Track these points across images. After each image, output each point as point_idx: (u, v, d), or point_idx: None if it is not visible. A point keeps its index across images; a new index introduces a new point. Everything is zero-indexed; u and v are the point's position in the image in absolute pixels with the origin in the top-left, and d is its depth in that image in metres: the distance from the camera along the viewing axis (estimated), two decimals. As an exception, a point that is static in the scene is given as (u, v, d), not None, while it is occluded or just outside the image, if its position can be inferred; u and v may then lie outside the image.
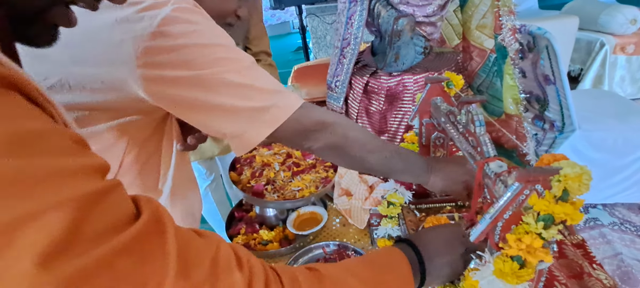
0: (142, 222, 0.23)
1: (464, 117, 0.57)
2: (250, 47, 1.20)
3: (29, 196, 0.18)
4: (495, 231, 0.43)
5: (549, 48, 1.18)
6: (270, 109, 0.53)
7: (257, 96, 0.53)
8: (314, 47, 3.31)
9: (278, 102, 0.54)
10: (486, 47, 1.12)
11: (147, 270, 0.22)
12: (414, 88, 1.01)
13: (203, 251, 0.28)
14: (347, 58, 1.10)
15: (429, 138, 0.81)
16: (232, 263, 0.29)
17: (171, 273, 0.23)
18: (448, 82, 0.76)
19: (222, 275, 0.28)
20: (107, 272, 0.20)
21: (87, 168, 0.21)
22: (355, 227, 1.05)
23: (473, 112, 0.54)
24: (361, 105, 1.11)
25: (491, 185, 0.49)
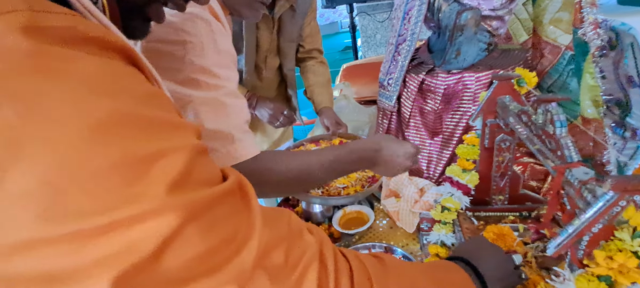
0: (230, 181, 0.27)
1: (541, 117, 0.52)
2: (304, 44, 1.22)
3: (162, 138, 0.22)
4: (579, 245, 0.38)
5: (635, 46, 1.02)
6: (214, 152, 0.52)
7: (204, 134, 0.51)
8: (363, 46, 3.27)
9: (221, 147, 0.53)
10: (560, 43, 1.01)
11: (240, 217, 0.26)
12: (475, 87, 0.94)
13: (278, 215, 0.31)
14: (402, 55, 1.06)
15: (492, 140, 0.74)
16: (303, 228, 0.33)
17: (259, 223, 0.27)
18: (519, 80, 0.70)
19: (296, 235, 0.31)
20: (208, 212, 0.23)
21: (191, 127, 0.25)
22: (404, 230, 1.01)
23: (553, 112, 0.48)
24: (415, 104, 1.06)
25: (574, 193, 0.43)
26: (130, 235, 0.20)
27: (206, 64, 0.52)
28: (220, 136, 0.53)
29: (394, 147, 0.68)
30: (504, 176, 0.80)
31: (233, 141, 0.53)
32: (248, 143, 0.55)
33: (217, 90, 0.53)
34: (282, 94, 1.28)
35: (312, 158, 0.61)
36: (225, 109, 0.53)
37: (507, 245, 0.70)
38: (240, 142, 0.54)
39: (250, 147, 0.55)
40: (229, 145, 0.53)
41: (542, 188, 0.97)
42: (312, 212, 1.09)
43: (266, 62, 1.12)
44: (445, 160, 1.04)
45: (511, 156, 0.76)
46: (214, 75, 0.52)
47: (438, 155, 1.06)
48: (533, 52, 1.09)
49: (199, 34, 0.51)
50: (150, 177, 0.21)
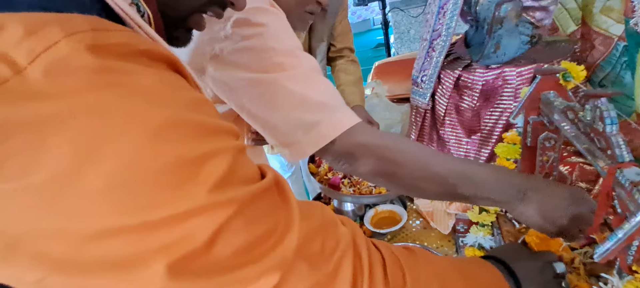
0: (269, 178, 0.29)
1: (590, 113, 0.48)
2: (335, 44, 1.23)
3: (208, 140, 0.25)
4: (628, 251, 0.35)
5: None
6: (318, 125, 0.49)
7: (307, 108, 0.50)
8: (396, 42, 3.21)
9: (327, 118, 0.49)
10: (613, 33, 0.92)
11: (280, 211, 0.28)
12: (517, 82, 0.89)
13: (312, 208, 0.33)
14: (437, 50, 1.03)
15: (535, 139, 0.70)
16: (336, 220, 0.35)
17: (297, 216, 0.29)
18: (565, 74, 0.65)
19: (330, 226, 0.33)
20: (252, 206, 0.26)
21: (231, 130, 0.28)
22: (438, 231, 0.99)
23: (603, 108, 0.45)
24: (450, 101, 1.03)
25: (625, 196, 0.40)
26: (185, 227, 0.22)
27: (286, 46, 0.51)
28: (323, 107, 0.50)
29: (559, 186, 0.52)
30: (548, 177, 0.75)
31: (336, 110, 0.51)
32: (349, 112, 0.52)
33: (302, 67, 0.52)
34: None
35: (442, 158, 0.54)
36: (317, 81, 0.52)
37: (552, 250, 0.66)
38: (343, 109, 0.51)
39: (352, 116, 0.52)
40: (332, 115, 0.50)
41: (593, 190, 0.90)
42: (344, 210, 1.10)
43: None
44: (484, 160, 1.00)
45: (556, 155, 0.72)
46: (296, 56, 0.52)
47: (475, 155, 1.01)
48: (582, 44, 1.01)
49: (272, 21, 0.51)
50: (201, 176, 0.23)
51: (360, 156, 0.51)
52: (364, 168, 0.52)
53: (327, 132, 0.50)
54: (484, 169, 0.53)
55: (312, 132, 0.50)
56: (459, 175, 0.51)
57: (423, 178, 0.51)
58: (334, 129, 0.50)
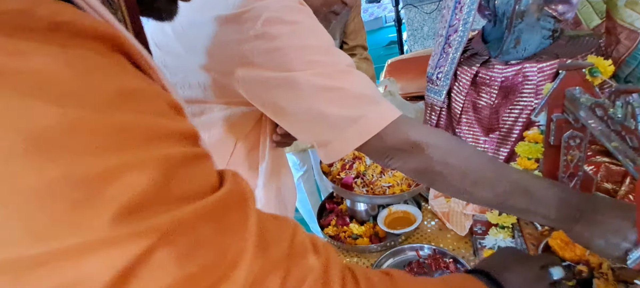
0: (224, 191, 0.23)
1: (620, 110, 0.45)
2: (347, 41, 1.21)
3: (119, 152, 0.18)
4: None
5: None
6: (359, 120, 0.47)
7: (347, 103, 0.47)
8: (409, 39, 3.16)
9: (369, 112, 0.47)
10: (638, 27, 0.88)
11: (228, 240, 0.22)
12: (538, 78, 0.86)
13: (281, 231, 0.27)
14: (454, 46, 1.00)
15: (559, 137, 0.67)
16: (308, 247, 0.29)
17: (251, 247, 0.23)
18: (592, 69, 0.62)
19: (298, 257, 0.27)
20: (187, 234, 0.20)
21: (177, 132, 0.21)
22: (454, 232, 0.96)
23: (635, 104, 0.42)
24: (468, 98, 1.00)
25: (665, 199, 0.37)
26: (77, 267, 0.17)
27: (321, 43, 0.50)
28: (364, 100, 0.48)
29: (622, 207, 0.46)
30: (573, 177, 0.71)
31: (378, 103, 0.48)
32: (391, 105, 0.49)
33: (339, 63, 0.49)
34: None
35: (496, 165, 0.50)
36: (355, 75, 0.49)
37: (577, 254, 0.63)
38: (384, 102, 0.48)
39: (394, 109, 0.48)
40: (375, 107, 0.48)
41: (619, 191, 0.86)
42: (357, 210, 1.08)
43: None
44: (503, 159, 0.96)
45: (582, 155, 0.68)
46: (331, 53, 0.50)
47: (494, 154, 0.98)
48: (607, 38, 0.96)
49: (304, 19, 0.49)
50: (104, 197, 0.17)
51: (407, 152, 0.48)
52: (411, 166, 0.49)
53: (370, 126, 0.47)
54: (541, 182, 0.49)
55: (354, 126, 0.47)
56: (513, 184, 0.47)
57: (474, 183, 0.47)
58: (378, 122, 0.47)
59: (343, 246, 1.01)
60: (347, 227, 1.07)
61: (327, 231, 1.08)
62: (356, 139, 0.48)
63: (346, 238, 1.04)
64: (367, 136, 0.47)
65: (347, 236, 1.04)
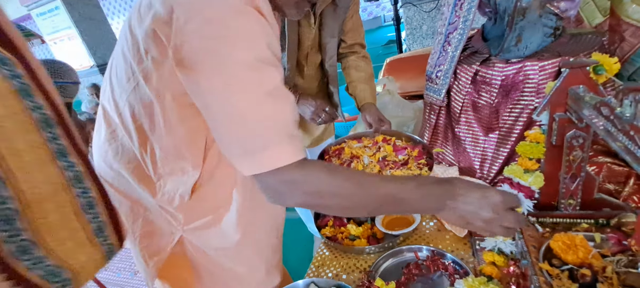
0: None
1: (629, 109, 0.43)
2: (345, 39, 1.18)
3: None
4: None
5: None
6: (255, 154, 0.50)
7: (250, 133, 0.50)
8: (407, 38, 3.14)
9: (265, 151, 0.49)
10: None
11: None
12: (539, 77, 0.84)
13: None
14: (453, 44, 0.98)
15: (562, 137, 0.65)
16: None
17: None
18: (596, 67, 0.60)
19: None
20: None
21: None
22: (453, 233, 0.94)
23: (647, 102, 0.40)
24: (467, 97, 0.98)
25: (677, 202, 0.35)
26: None
27: (247, 58, 0.48)
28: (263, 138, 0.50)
29: (473, 192, 0.54)
30: (575, 177, 0.70)
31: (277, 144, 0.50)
32: (289, 148, 0.51)
33: (260, 87, 0.49)
34: (323, 91, 1.26)
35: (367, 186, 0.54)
36: (269, 106, 0.50)
37: (579, 257, 0.61)
38: (282, 146, 0.50)
39: (290, 153, 0.51)
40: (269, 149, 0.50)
41: (622, 192, 0.84)
42: (355, 211, 1.06)
43: (308, 58, 1.11)
44: (502, 159, 0.95)
45: (585, 155, 0.67)
46: (256, 69, 0.49)
47: (493, 154, 0.96)
48: (610, 36, 0.95)
49: (240, 26, 0.48)
50: None
51: (288, 191, 0.53)
52: (291, 201, 0.54)
53: (261, 163, 0.50)
54: (407, 186, 0.54)
55: (247, 158, 0.51)
56: (382, 198, 0.54)
57: (349, 209, 0.56)
58: (266, 164, 0.50)
59: (340, 247, 0.99)
60: (344, 228, 1.05)
61: (325, 232, 1.06)
62: (246, 169, 0.51)
63: (344, 240, 1.02)
64: (254, 171, 0.51)
65: (344, 237, 1.02)
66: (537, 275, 0.60)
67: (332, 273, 0.93)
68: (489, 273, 0.71)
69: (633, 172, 0.84)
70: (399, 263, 0.91)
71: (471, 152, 1.01)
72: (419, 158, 1.01)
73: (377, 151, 1.05)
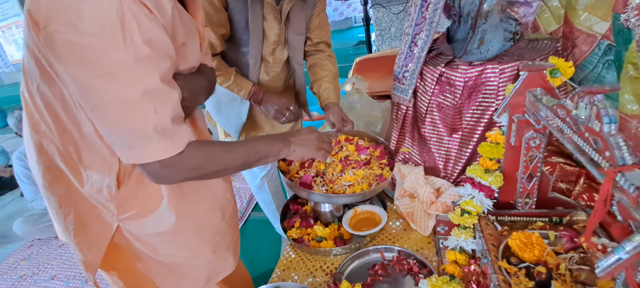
0: None
1: (584, 111, 0.44)
2: (311, 38, 1.16)
3: None
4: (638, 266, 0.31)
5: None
6: (128, 150, 0.54)
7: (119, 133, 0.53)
8: (377, 39, 3.18)
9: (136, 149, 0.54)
10: (596, 31, 0.91)
11: None
12: (499, 80, 0.87)
13: None
14: (419, 45, 0.99)
15: (520, 138, 0.67)
16: None
17: None
18: (552, 70, 0.62)
19: None
20: None
21: None
22: (418, 232, 0.95)
23: (600, 105, 0.41)
24: (433, 98, 0.99)
25: (628, 202, 0.36)
26: None
27: (123, 57, 0.47)
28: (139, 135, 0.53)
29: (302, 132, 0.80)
30: (532, 177, 0.72)
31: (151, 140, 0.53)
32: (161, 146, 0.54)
33: (133, 87, 0.50)
34: (290, 88, 1.23)
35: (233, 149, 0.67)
36: (141, 107, 0.51)
37: (536, 254, 0.63)
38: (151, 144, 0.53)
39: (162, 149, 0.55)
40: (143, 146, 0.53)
41: (574, 191, 0.89)
42: (322, 212, 1.04)
43: (273, 54, 1.07)
44: (465, 159, 0.97)
45: (541, 155, 0.69)
46: (131, 70, 0.48)
47: (457, 154, 0.98)
48: (564, 43, 1.00)
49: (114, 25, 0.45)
50: None
51: (169, 174, 0.58)
52: (176, 180, 0.62)
53: (134, 158, 0.55)
54: (259, 141, 0.73)
55: (123, 151, 0.55)
56: (245, 154, 0.67)
57: (226, 170, 0.65)
58: (139, 158, 0.55)
59: (307, 249, 0.96)
60: (311, 229, 1.02)
61: (291, 233, 1.02)
62: (125, 159, 0.56)
63: (310, 241, 0.99)
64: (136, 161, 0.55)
65: (311, 238, 1.00)
66: (496, 273, 0.61)
67: (298, 277, 0.90)
68: (451, 272, 0.72)
69: (583, 172, 0.89)
70: (365, 264, 0.90)
71: (435, 152, 1.02)
72: (381, 158, 1.01)
73: (339, 150, 1.03)
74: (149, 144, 0.53)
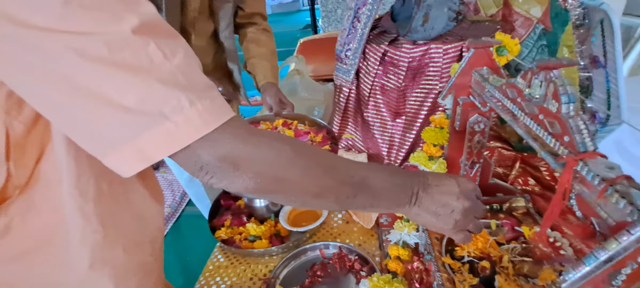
0: None
1: (540, 90, 0.38)
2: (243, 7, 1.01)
3: None
4: (613, 281, 0.25)
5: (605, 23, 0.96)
6: (162, 122, 0.31)
7: (135, 90, 0.30)
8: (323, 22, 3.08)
9: (176, 113, 0.31)
10: (533, 15, 0.91)
11: None
12: (443, 61, 0.82)
13: None
14: (362, 21, 0.90)
15: (465, 122, 0.62)
16: None
17: None
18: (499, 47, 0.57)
19: None
20: None
21: None
22: (361, 225, 0.89)
23: (558, 82, 0.35)
24: (376, 80, 0.92)
25: (590, 195, 0.30)
26: None
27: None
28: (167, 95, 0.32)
29: (445, 180, 0.45)
30: (475, 164, 0.68)
31: (191, 101, 0.32)
32: (209, 106, 0.34)
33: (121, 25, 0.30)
34: (221, 67, 1.06)
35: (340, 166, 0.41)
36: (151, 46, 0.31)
37: (479, 247, 0.59)
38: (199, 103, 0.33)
39: (214, 113, 0.34)
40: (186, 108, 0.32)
41: (510, 175, 0.89)
42: (255, 207, 0.92)
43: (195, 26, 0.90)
44: (408, 145, 0.92)
45: (485, 140, 0.65)
46: (105, 9, 0.30)
47: (400, 139, 0.93)
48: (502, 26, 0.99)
49: None
50: None
51: (219, 172, 0.35)
52: (233, 187, 0.36)
53: (177, 134, 0.32)
54: (381, 175, 0.43)
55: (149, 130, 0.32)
56: (356, 187, 0.41)
57: (316, 196, 0.40)
58: (188, 132, 0.33)
59: (238, 251, 0.84)
60: (243, 228, 0.90)
61: (220, 234, 0.89)
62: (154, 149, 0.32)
63: (242, 241, 0.87)
64: (171, 148, 0.32)
65: (243, 238, 0.88)
66: (440, 271, 0.55)
67: (224, 285, 0.78)
68: (393, 269, 0.66)
69: (519, 156, 0.89)
70: (304, 263, 0.81)
71: (379, 138, 0.96)
72: (323, 144, 0.92)
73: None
74: (189, 107, 0.32)
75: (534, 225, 0.61)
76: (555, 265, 0.52)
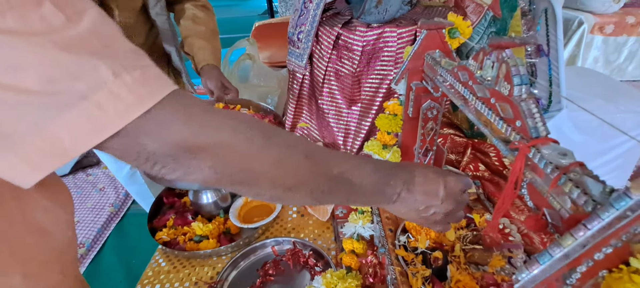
0: None
1: (491, 71, 0.36)
2: None
3: None
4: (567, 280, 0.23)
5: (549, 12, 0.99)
6: (81, 102, 0.24)
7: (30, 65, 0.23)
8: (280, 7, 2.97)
9: (92, 87, 0.24)
10: (484, 1, 0.91)
11: None
12: (397, 45, 0.79)
13: None
14: (315, 1, 0.84)
15: (418, 108, 0.59)
16: None
17: None
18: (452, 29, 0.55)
19: None
20: None
21: None
22: (316, 218, 0.85)
23: (511, 62, 0.32)
24: (330, 65, 0.87)
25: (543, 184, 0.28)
26: None
27: None
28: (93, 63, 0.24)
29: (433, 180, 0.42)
30: (428, 152, 0.67)
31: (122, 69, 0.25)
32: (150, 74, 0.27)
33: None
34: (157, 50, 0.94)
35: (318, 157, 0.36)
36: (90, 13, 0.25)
37: (432, 236, 0.58)
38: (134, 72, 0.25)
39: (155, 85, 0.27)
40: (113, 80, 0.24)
41: (462, 162, 0.90)
42: (202, 204, 0.85)
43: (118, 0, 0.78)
44: (364, 133, 0.89)
45: (437, 127, 0.63)
46: None
47: (356, 127, 0.90)
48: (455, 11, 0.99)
49: None
50: None
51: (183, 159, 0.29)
52: (195, 176, 0.30)
53: (105, 118, 0.25)
54: (363, 170, 0.39)
55: (70, 112, 0.24)
56: (333, 181, 0.37)
57: (287, 189, 0.34)
58: (120, 113, 0.25)
59: (182, 254, 0.76)
60: (188, 228, 0.82)
61: (161, 235, 0.80)
62: (70, 143, 0.24)
63: (186, 242, 0.79)
64: (95, 138, 0.25)
65: (187, 239, 0.80)
66: (393, 265, 0.53)
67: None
68: (348, 263, 0.63)
69: (470, 142, 0.90)
70: (254, 262, 0.75)
71: (335, 126, 0.92)
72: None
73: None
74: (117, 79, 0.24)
75: (485, 211, 0.60)
76: (504, 251, 0.52)
